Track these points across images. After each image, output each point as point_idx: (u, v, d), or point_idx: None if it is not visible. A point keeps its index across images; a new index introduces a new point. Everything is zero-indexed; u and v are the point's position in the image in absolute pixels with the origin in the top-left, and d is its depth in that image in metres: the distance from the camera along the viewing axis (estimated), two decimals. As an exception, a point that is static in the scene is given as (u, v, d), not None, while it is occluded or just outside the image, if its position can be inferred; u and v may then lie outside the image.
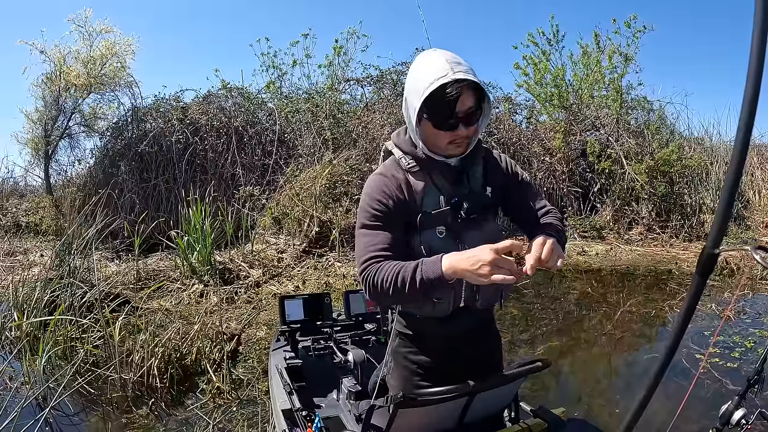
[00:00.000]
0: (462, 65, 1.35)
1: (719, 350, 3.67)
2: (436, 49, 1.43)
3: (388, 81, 9.32)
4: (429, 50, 1.45)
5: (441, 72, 1.33)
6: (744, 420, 1.36)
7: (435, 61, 1.36)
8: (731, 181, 0.68)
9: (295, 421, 2.03)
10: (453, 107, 1.35)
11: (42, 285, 4.16)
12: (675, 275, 6.10)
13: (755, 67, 0.64)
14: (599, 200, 8.74)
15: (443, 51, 1.41)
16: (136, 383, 3.22)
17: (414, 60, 1.47)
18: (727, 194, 0.70)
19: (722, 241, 0.76)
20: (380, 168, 1.54)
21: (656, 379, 0.74)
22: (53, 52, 8.45)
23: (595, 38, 9.59)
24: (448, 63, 1.34)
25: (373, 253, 1.39)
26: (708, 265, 0.77)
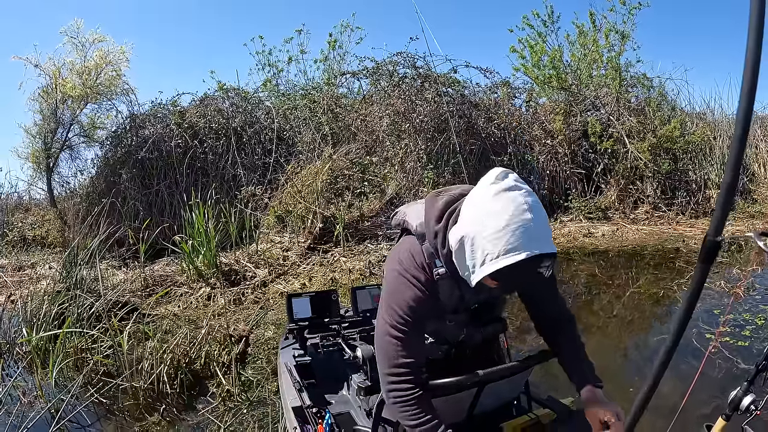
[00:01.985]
0: (545, 225, 1.20)
1: (729, 329, 3.64)
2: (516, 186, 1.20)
3: (384, 72, 9.26)
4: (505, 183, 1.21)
5: (524, 242, 1.15)
6: (753, 405, 1.34)
7: (516, 217, 1.16)
8: (732, 169, 0.66)
9: (306, 418, 2.03)
10: (526, 279, 1.24)
11: (50, 298, 4.18)
12: (683, 253, 6.06)
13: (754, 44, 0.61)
14: (603, 180, 8.68)
15: (522, 193, 1.19)
16: (147, 390, 3.23)
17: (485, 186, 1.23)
18: (727, 182, 0.68)
19: (724, 227, 0.74)
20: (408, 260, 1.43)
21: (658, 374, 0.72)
22: (48, 65, 8.44)
23: (590, 17, 9.52)
24: (533, 227, 1.16)
25: (402, 368, 1.39)
26: (711, 253, 0.75)
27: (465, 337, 1.59)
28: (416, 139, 8.07)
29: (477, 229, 1.19)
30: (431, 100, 8.44)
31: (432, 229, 1.37)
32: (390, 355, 1.40)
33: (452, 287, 1.43)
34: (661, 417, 2.06)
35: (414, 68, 9.00)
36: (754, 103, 0.61)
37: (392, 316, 1.40)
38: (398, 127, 8.27)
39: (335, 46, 10.37)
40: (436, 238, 1.37)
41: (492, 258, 1.17)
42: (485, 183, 1.24)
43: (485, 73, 9.54)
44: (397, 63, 9.13)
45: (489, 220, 1.17)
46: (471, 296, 1.48)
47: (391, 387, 1.40)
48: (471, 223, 1.22)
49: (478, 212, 1.21)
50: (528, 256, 1.14)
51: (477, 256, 1.20)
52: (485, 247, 1.18)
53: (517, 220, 1.15)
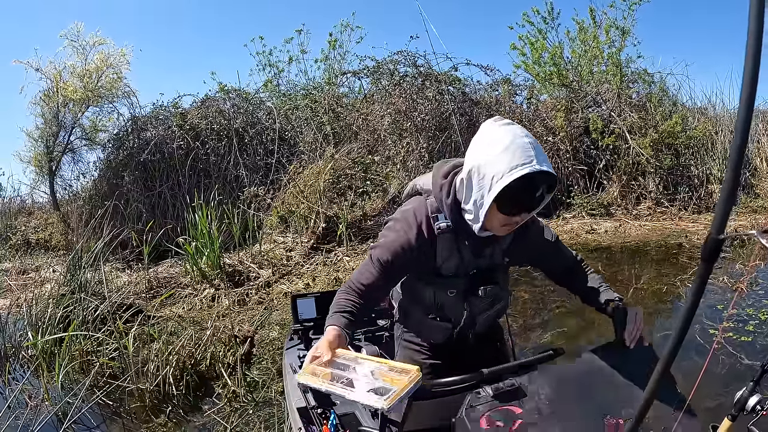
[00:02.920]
0: (542, 152, 1.27)
1: (733, 324, 3.63)
2: (512, 123, 1.34)
3: (385, 71, 9.25)
4: (502, 121, 1.34)
5: (525, 158, 1.23)
6: (759, 406, 1.34)
7: (517, 140, 1.26)
8: (733, 167, 0.66)
9: (311, 419, 2.03)
10: (531, 197, 1.28)
11: (55, 301, 4.20)
12: (686, 248, 6.04)
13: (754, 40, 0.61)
14: (605, 177, 8.66)
15: (519, 127, 1.32)
16: (153, 392, 3.25)
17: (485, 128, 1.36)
18: (729, 179, 0.68)
19: (727, 224, 0.74)
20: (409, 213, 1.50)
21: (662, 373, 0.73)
22: (48, 69, 8.47)
23: (590, 13, 9.47)
24: (532, 148, 1.25)
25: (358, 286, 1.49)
26: (713, 251, 0.75)
27: (467, 317, 1.60)
28: (418, 138, 8.07)
29: (482, 157, 1.29)
30: (432, 99, 8.44)
31: (438, 183, 1.46)
32: (363, 274, 1.50)
33: (452, 246, 1.48)
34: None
35: (415, 67, 8.99)
36: (755, 97, 0.61)
37: (377, 250, 1.49)
38: (400, 126, 8.27)
39: (336, 45, 10.37)
40: (441, 190, 1.45)
41: (498, 178, 1.24)
42: (484, 125, 1.36)
43: (486, 71, 9.54)
44: (398, 62, 9.13)
45: (491, 148, 1.28)
46: (470, 259, 1.51)
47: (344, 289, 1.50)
48: (476, 156, 1.32)
49: (481, 146, 1.32)
50: (532, 170, 1.22)
51: (485, 182, 1.28)
52: (491, 169, 1.26)
53: (519, 142, 1.25)
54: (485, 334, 1.75)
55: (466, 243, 1.47)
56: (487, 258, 1.54)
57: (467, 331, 1.65)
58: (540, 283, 5.18)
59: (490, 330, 1.78)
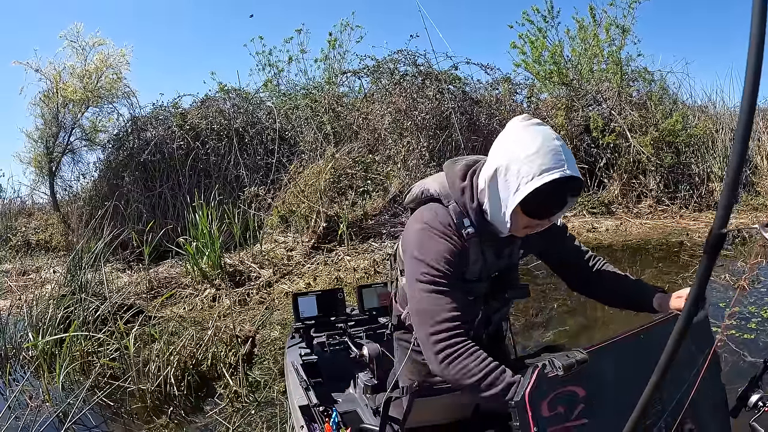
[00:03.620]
0: (572, 156, 1.23)
1: (735, 321, 3.63)
2: (542, 123, 1.29)
3: (385, 70, 9.25)
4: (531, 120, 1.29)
5: (556, 161, 1.19)
6: (761, 402, 1.33)
7: (548, 142, 1.21)
8: (736, 161, 0.65)
9: (313, 417, 2.04)
10: (560, 202, 1.25)
11: (55, 302, 4.19)
12: (687, 246, 6.04)
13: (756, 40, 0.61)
14: (606, 175, 8.66)
15: (549, 128, 1.27)
16: (154, 393, 3.25)
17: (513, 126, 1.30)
18: (732, 173, 0.67)
19: (729, 219, 0.74)
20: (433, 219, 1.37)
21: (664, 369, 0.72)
22: (48, 70, 8.46)
23: (590, 12, 9.48)
24: (562, 150, 1.21)
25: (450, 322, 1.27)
26: (716, 245, 0.74)
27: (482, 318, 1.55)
28: (418, 137, 8.07)
29: (510, 157, 1.23)
30: (432, 98, 8.43)
31: (458, 186, 1.38)
32: (432, 311, 1.28)
33: (478, 252, 1.41)
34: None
35: (415, 66, 8.99)
36: (758, 93, 0.60)
37: (428, 269, 1.31)
38: (400, 125, 8.26)
39: (335, 45, 10.36)
40: (463, 194, 1.37)
41: (527, 180, 1.19)
42: (512, 123, 1.29)
43: (486, 70, 9.53)
44: (398, 61, 9.12)
45: (521, 148, 1.22)
46: (493, 261, 1.47)
47: (441, 346, 1.25)
48: (503, 155, 1.26)
49: (508, 145, 1.26)
50: (562, 176, 1.18)
51: (511, 183, 1.23)
52: (520, 170, 1.20)
53: (549, 144, 1.20)
54: (496, 334, 1.74)
55: (490, 246, 1.43)
56: (506, 258, 1.50)
57: (481, 332, 1.61)
58: (542, 282, 5.17)
59: (499, 330, 1.77)
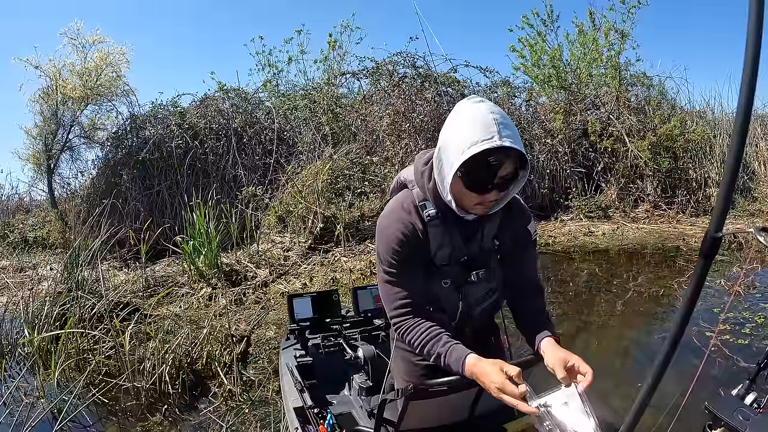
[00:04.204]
0: (509, 128, 1.26)
1: (729, 327, 3.64)
2: (483, 101, 1.31)
3: (384, 72, 9.26)
4: (474, 99, 1.33)
5: (486, 134, 1.23)
6: (755, 404, 1.34)
7: (482, 116, 1.25)
8: (732, 165, 0.66)
9: (308, 419, 2.03)
10: (493, 174, 1.28)
11: (52, 299, 4.18)
12: (683, 251, 6.06)
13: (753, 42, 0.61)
14: (603, 179, 8.68)
15: (490, 104, 1.30)
16: (149, 391, 3.24)
17: (457, 106, 1.36)
18: (728, 178, 0.68)
19: (725, 223, 0.74)
20: (396, 206, 1.48)
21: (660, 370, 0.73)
22: (48, 67, 8.42)
23: (590, 16, 9.50)
24: (496, 124, 1.24)
25: (400, 308, 1.46)
26: (711, 248, 0.75)
27: (463, 308, 1.55)
28: (416, 139, 8.08)
29: (448, 134, 1.32)
30: (431, 100, 8.44)
31: (419, 170, 1.47)
32: (389, 297, 1.47)
33: (443, 234, 1.46)
34: (660, 415, 2.07)
35: (414, 68, 9.01)
36: (754, 92, 0.61)
37: (382, 261, 1.47)
38: (398, 127, 8.27)
39: (335, 46, 10.37)
40: (422, 176, 1.45)
41: (458, 154, 1.25)
42: (458, 104, 1.36)
43: (485, 73, 9.56)
44: (397, 63, 9.15)
45: (457, 125, 1.30)
46: (461, 246, 1.49)
47: (396, 323, 1.47)
48: (444, 133, 1.34)
49: (449, 123, 1.34)
50: (490, 147, 1.22)
51: (449, 158, 1.29)
52: (454, 145, 1.27)
53: (483, 118, 1.25)
54: (482, 333, 1.73)
55: (456, 229, 1.46)
56: (477, 243, 1.51)
57: (464, 325, 1.61)
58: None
59: (486, 329, 1.76)
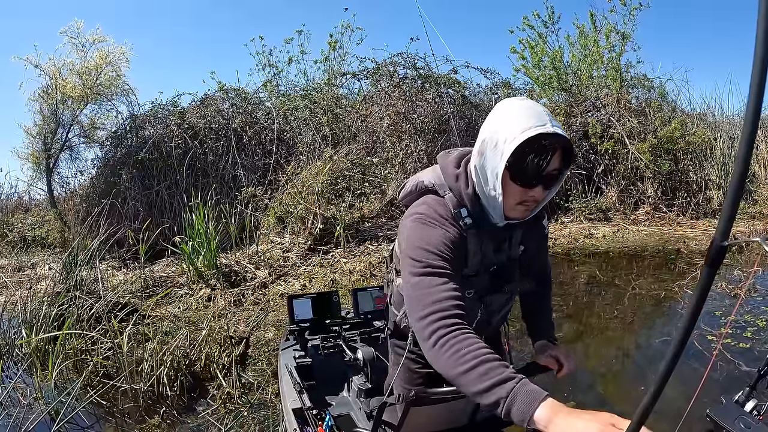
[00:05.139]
0: (556, 122, 1.20)
1: (731, 330, 3.63)
2: (524, 98, 1.27)
3: (385, 73, 9.26)
4: (518, 97, 1.29)
5: (539, 120, 1.16)
6: (756, 411, 1.33)
7: (531, 106, 1.21)
8: (740, 171, 0.64)
9: (306, 420, 2.02)
10: (545, 164, 1.20)
11: (50, 299, 4.17)
12: (683, 254, 6.04)
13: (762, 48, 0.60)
14: (604, 181, 8.67)
15: (531, 101, 1.25)
16: (147, 392, 3.22)
17: (499, 104, 1.29)
18: (735, 185, 0.66)
19: (731, 231, 0.73)
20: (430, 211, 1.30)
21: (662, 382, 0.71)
22: (48, 66, 8.45)
23: (591, 18, 9.49)
24: (546, 114, 1.19)
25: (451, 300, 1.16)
26: (717, 257, 0.74)
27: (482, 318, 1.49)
28: (417, 140, 8.07)
29: (494, 126, 1.23)
30: (432, 101, 8.43)
31: (452, 173, 1.34)
32: (428, 293, 1.17)
33: (477, 244, 1.36)
34: (663, 421, 2.05)
35: (414, 69, 8.99)
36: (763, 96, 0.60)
37: (420, 255, 1.22)
38: (399, 128, 8.26)
39: (336, 46, 10.36)
40: (458, 181, 1.33)
41: (510, 140, 1.18)
42: (499, 103, 1.29)
43: (486, 74, 9.56)
44: (398, 64, 9.14)
45: (504, 116, 1.22)
46: (491, 255, 1.41)
47: (435, 326, 1.12)
48: (488, 127, 1.26)
49: (493, 118, 1.26)
50: (545, 131, 1.15)
51: (498, 149, 1.21)
52: (503, 135, 1.19)
53: (533, 108, 1.20)
54: (489, 339, 1.70)
55: (487, 238, 1.36)
56: (505, 252, 1.44)
57: (481, 334, 1.58)
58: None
59: (495, 335, 1.73)
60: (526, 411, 0.93)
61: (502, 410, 0.96)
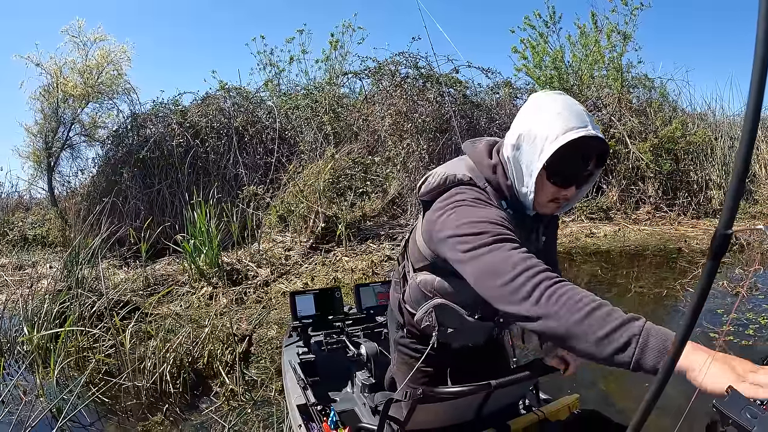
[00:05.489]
0: (594, 122, 1.19)
1: (733, 328, 3.64)
2: (561, 92, 1.26)
3: (386, 72, 9.26)
4: (553, 91, 1.26)
5: (580, 122, 1.15)
6: (759, 401, 1.33)
7: (571, 105, 1.19)
8: (742, 159, 0.65)
9: (311, 416, 2.03)
10: (585, 164, 1.20)
11: (51, 297, 4.17)
12: (684, 253, 6.05)
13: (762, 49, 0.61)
14: (605, 181, 8.67)
15: (568, 96, 1.24)
16: (149, 390, 3.22)
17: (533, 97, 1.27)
18: (738, 172, 0.67)
19: (734, 220, 0.73)
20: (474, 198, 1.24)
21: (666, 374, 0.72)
22: (49, 65, 8.44)
23: (592, 18, 9.51)
24: (586, 114, 1.18)
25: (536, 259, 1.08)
26: (721, 246, 0.74)
27: None
28: (418, 139, 8.07)
29: (533, 121, 1.19)
30: (433, 100, 8.44)
31: (487, 164, 1.30)
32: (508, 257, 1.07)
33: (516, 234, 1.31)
34: (665, 417, 2.06)
35: (416, 68, 9.00)
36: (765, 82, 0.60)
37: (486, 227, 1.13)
38: (400, 127, 8.26)
39: (337, 46, 10.37)
40: (495, 172, 1.29)
41: (552, 140, 1.15)
42: (532, 96, 1.27)
43: (487, 74, 9.56)
44: (399, 63, 9.15)
45: (544, 111, 1.19)
46: None
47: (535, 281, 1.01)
48: (525, 121, 1.21)
49: (530, 111, 1.22)
50: (587, 134, 1.13)
51: (536, 145, 1.18)
52: (544, 132, 1.16)
53: (572, 106, 1.18)
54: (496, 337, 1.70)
55: (520, 230, 1.28)
56: (533, 244, 1.42)
57: (504, 329, 1.54)
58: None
59: None
60: (663, 348, 0.89)
61: (634, 351, 0.91)
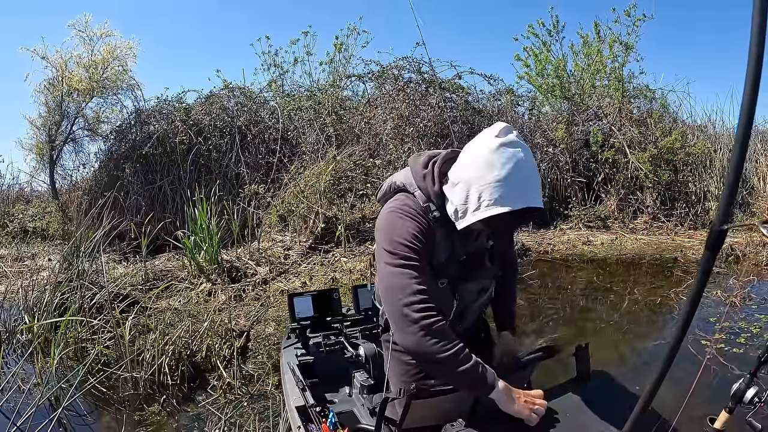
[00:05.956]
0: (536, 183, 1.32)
1: (725, 336, 3.68)
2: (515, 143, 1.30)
3: (390, 76, 9.31)
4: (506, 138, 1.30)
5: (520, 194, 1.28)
6: (756, 398, 1.37)
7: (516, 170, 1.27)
8: (737, 157, 0.69)
9: (310, 418, 2.04)
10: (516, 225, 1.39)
11: (51, 288, 4.19)
12: (680, 263, 6.09)
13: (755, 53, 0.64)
14: (603, 190, 8.72)
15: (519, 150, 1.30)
16: (147, 381, 3.25)
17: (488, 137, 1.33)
18: (734, 170, 0.71)
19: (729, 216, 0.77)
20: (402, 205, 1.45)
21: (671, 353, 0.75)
22: (55, 58, 8.46)
23: (595, 28, 9.55)
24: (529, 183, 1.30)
25: (423, 302, 1.33)
26: (716, 241, 0.78)
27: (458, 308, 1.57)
28: (419, 143, 8.11)
29: (477, 176, 1.30)
30: (435, 106, 8.48)
31: (420, 173, 1.47)
32: (405, 284, 1.34)
33: (446, 235, 1.47)
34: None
35: (419, 73, 9.05)
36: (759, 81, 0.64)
37: (396, 247, 1.37)
38: (402, 131, 8.31)
39: (341, 48, 10.42)
40: (425, 180, 1.45)
41: (488, 204, 1.28)
42: (488, 134, 1.33)
43: (489, 80, 9.61)
44: (403, 67, 9.20)
45: (489, 172, 1.28)
46: (459, 246, 1.52)
47: (419, 315, 1.31)
48: (472, 169, 1.32)
49: (478, 161, 1.31)
50: (521, 207, 1.27)
51: (471, 201, 1.31)
52: (483, 194, 1.28)
53: (517, 175, 1.27)
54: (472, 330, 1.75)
55: (455, 230, 1.42)
56: (472, 243, 1.54)
57: (457, 325, 1.61)
58: (534, 291, 5.21)
59: (476, 326, 1.78)
60: (486, 388, 1.34)
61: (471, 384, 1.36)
